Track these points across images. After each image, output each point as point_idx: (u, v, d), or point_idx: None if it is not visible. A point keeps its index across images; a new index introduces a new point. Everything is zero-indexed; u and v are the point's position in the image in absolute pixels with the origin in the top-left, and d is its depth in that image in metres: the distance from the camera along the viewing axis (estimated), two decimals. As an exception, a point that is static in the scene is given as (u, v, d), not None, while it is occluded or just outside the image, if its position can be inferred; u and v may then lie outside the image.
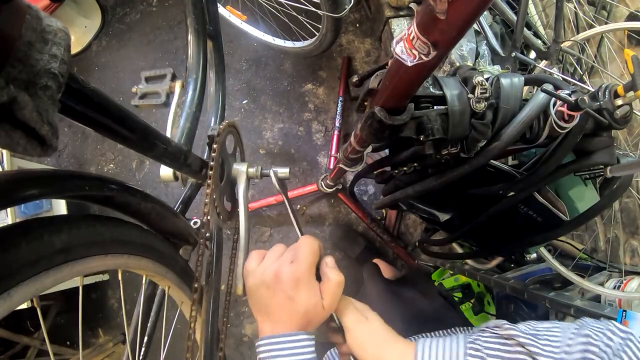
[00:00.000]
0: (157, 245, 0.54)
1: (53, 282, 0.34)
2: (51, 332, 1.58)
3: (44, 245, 0.33)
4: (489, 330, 0.47)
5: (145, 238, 0.52)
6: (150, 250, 0.52)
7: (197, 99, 0.71)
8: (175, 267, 0.60)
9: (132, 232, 0.48)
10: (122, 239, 0.45)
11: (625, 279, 0.94)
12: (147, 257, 0.51)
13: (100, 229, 0.41)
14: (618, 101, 0.53)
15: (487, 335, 0.46)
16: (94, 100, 0.34)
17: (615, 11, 1.13)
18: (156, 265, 0.54)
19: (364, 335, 0.49)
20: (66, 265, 0.35)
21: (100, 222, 0.41)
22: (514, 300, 1.16)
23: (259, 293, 0.47)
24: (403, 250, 1.60)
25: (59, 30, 0.26)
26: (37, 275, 0.32)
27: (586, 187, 0.73)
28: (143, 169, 1.76)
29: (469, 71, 0.58)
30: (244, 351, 1.64)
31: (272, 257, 0.49)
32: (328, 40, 1.34)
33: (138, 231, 0.50)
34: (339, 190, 1.58)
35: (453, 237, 0.95)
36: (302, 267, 0.46)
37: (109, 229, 0.43)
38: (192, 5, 0.79)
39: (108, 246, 0.42)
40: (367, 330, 0.50)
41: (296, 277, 0.46)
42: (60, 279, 0.35)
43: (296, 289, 0.46)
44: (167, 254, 0.57)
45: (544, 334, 0.42)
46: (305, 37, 1.47)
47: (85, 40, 1.86)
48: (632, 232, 1.09)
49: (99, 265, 0.41)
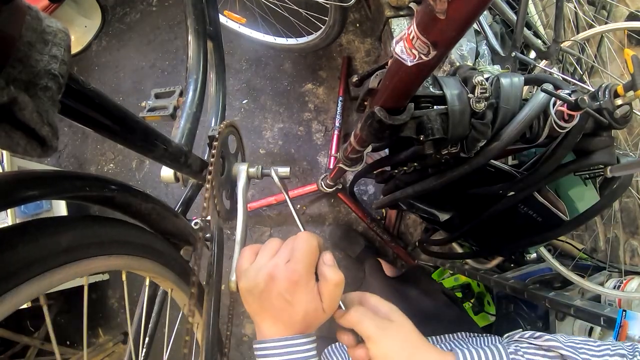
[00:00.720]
0: (161, 248, 0.54)
1: (59, 280, 0.34)
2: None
3: (50, 244, 0.33)
4: (526, 341, 0.45)
5: (149, 240, 0.52)
6: (154, 252, 0.52)
7: (198, 100, 0.71)
8: (178, 269, 0.60)
9: (136, 234, 0.48)
10: (126, 240, 0.45)
11: (625, 279, 0.94)
12: (151, 258, 0.51)
13: (105, 229, 0.41)
14: (618, 101, 0.53)
15: (527, 346, 0.44)
16: (94, 100, 0.34)
17: (615, 11, 1.13)
18: (159, 267, 0.54)
19: (391, 344, 0.42)
20: (72, 265, 0.36)
21: (105, 223, 0.42)
22: (514, 300, 1.16)
23: (253, 295, 0.43)
24: (403, 250, 1.60)
25: (59, 31, 0.26)
26: (44, 273, 0.32)
27: (586, 187, 0.73)
28: (143, 169, 1.76)
29: (469, 71, 0.58)
30: (244, 351, 1.64)
31: (266, 254, 0.44)
32: (335, 31, 1.33)
33: (142, 233, 0.50)
34: (339, 190, 1.58)
35: (453, 236, 0.95)
36: (300, 267, 0.41)
37: (113, 229, 0.43)
38: (192, 6, 0.78)
39: (112, 247, 0.42)
40: (395, 337, 0.42)
41: (293, 280, 0.40)
42: (65, 278, 0.35)
43: (293, 293, 0.41)
44: (171, 257, 0.57)
45: (582, 346, 0.41)
46: (310, 31, 1.46)
47: (85, 40, 1.86)
48: (632, 232, 1.09)
49: (103, 265, 0.41)
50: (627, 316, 0.69)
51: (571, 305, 0.78)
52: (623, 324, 0.69)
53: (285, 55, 1.76)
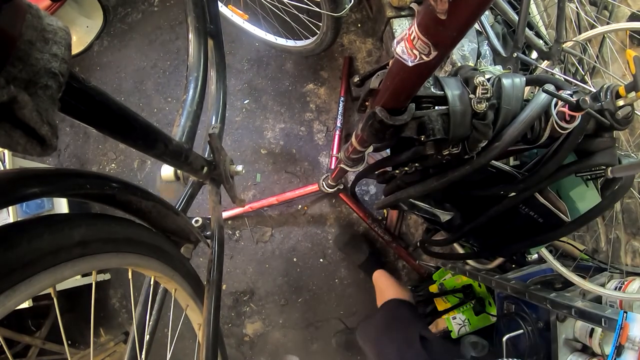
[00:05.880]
0: (166, 248, 0.54)
1: (70, 273, 0.35)
2: (52, 331, 1.58)
3: (64, 238, 0.34)
4: None
5: (155, 240, 0.52)
6: (159, 251, 0.52)
7: (198, 98, 0.71)
8: (183, 270, 0.60)
9: (143, 233, 0.48)
10: (133, 239, 0.45)
11: (626, 280, 0.93)
12: (157, 258, 0.51)
13: (115, 227, 0.42)
14: (620, 102, 0.53)
15: None
16: (95, 98, 0.34)
17: (617, 11, 1.12)
18: (165, 268, 0.54)
19: None
20: (83, 259, 0.36)
21: (114, 221, 0.42)
22: (515, 300, 1.16)
23: None
24: (404, 251, 1.60)
25: (59, 30, 0.26)
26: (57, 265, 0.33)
27: (587, 188, 0.73)
28: (145, 169, 1.76)
29: (471, 71, 0.58)
30: (245, 351, 1.64)
31: None
32: (329, 39, 1.35)
33: (148, 232, 0.50)
34: (340, 190, 1.58)
35: (454, 237, 0.95)
36: None
37: (122, 228, 0.43)
38: (192, 4, 0.79)
39: (121, 244, 0.42)
40: None
41: None
42: (76, 272, 0.36)
43: None
44: (177, 258, 0.57)
45: None
46: (307, 35, 1.47)
47: (87, 40, 1.86)
48: (634, 233, 1.09)
49: (111, 262, 0.41)
50: (628, 318, 0.69)
51: (572, 306, 0.78)
52: (624, 325, 0.69)
53: (286, 55, 1.76)
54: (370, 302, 1.48)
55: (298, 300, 1.64)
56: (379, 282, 1.48)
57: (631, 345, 0.68)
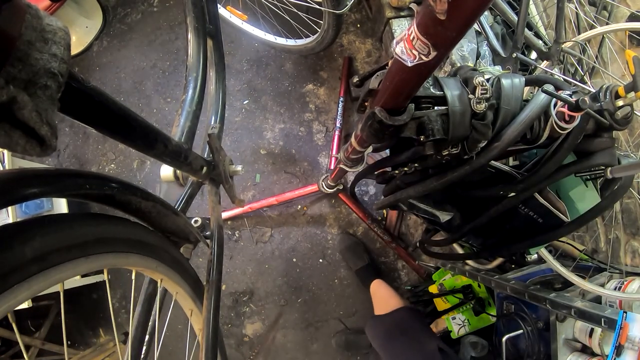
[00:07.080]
0: (166, 248, 0.54)
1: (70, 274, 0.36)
2: (51, 332, 1.58)
3: (68, 236, 0.34)
4: None
5: (155, 240, 0.52)
6: (159, 251, 0.52)
7: (197, 98, 0.71)
8: (182, 270, 0.60)
9: (142, 233, 0.48)
10: (133, 239, 0.45)
11: (626, 280, 0.93)
12: (156, 258, 0.51)
13: (114, 227, 0.42)
14: (619, 102, 0.53)
15: None
16: (94, 98, 0.34)
17: (616, 12, 1.13)
18: (164, 267, 0.54)
19: None
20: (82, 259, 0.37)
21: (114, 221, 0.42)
22: (514, 300, 1.16)
23: None
24: (404, 251, 1.60)
25: (58, 30, 0.26)
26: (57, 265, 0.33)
27: (587, 188, 0.73)
28: (144, 169, 1.76)
29: (470, 72, 0.58)
30: (245, 351, 1.64)
31: None
32: (330, 36, 1.35)
33: (148, 233, 0.50)
34: (340, 191, 1.58)
35: (454, 237, 0.95)
36: None
37: (121, 228, 0.43)
38: (191, 4, 0.79)
39: (120, 245, 0.43)
40: None
41: None
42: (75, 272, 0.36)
43: None
44: (175, 257, 0.57)
45: None
46: (308, 34, 1.47)
47: (87, 40, 1.86)
48: (633, 233, 1.09)
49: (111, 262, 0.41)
50: (627, 318, 0.69)
51: (572, 306, 0.78)
52: (624, 325, 0.69)
53: (286, 55, 1.76)
54: (370, 302, 1.48)
55: (298, 300, 1.64)
56: (380, 290, 1.45)
57: (631, 345, 0.68)
